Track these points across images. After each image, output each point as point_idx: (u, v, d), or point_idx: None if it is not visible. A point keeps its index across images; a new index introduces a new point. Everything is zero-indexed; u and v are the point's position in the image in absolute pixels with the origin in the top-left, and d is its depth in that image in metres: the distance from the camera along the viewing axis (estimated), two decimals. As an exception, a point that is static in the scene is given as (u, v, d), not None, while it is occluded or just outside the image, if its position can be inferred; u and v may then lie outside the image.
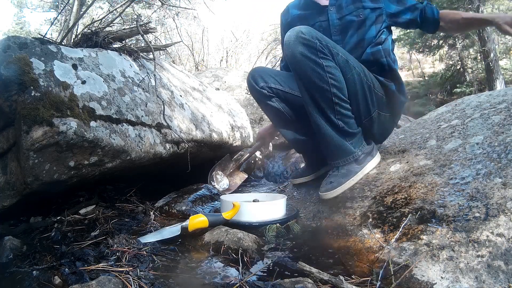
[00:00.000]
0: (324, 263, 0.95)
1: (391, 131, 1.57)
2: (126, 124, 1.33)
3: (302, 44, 1.21)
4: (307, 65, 1.22)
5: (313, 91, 1.25)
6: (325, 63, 1.22)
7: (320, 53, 1.22)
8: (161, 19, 6.64)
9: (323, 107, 1.26)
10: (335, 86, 1.24)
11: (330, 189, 1.28)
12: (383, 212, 1.09)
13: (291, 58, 1.25)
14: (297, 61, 1.24)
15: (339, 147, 1.29)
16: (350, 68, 1.29)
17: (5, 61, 1.06)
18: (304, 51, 1.21)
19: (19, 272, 0.85)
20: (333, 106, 1.25)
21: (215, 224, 1.13)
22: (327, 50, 1.24)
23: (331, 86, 1.23)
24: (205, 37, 6.66)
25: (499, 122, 1.24)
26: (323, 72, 1.22)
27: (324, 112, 1.27)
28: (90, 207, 1.36)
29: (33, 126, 1.03)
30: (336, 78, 1.24)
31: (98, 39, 1.50)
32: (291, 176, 1.73)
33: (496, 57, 8.27)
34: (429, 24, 1.47)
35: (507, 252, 0.79)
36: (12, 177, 1.11)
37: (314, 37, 1.22)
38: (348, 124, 1.29)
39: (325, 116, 1.27)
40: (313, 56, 1.21)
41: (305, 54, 1.21)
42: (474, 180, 1.02)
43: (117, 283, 0.74)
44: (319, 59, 1.22)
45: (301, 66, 1.24)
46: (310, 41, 1.22)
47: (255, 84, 1.48)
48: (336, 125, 1.27)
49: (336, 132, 1.28)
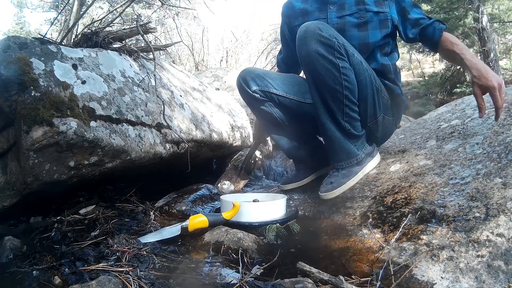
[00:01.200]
0: (324, 263, 0.95)
1: (391, 134, 1.56)
2: (126, 124, 1.33)
3: (319, 42, 1.17)
4: (321, 64, 1.18)
5: (325, 91, 1.23)
6: (341, 63, 1.19)
7: (337, 53, 1.18)
8: (161, 19, 6.64)
9: (332, 108, 1.24)
10: (348, 88, 1.21)
11: (330, 189, 1.28)
12: (383, 212, 1.09)
13: (305, 56, 1.20)
14: (311, 59, 1.20)
15: (344, 149, 1.29)
16: (363, 70, 1.26)
17: (5, 61, 1.06)
18: (320, 49, 1.17)
19: (19, 272, 0.85)
20: (343, 108, 1.23)
21: (215, 224, 1.13)
22: (343, 50, 1.20)
23: (344, 88, 1.20)
24: (205, 37, 6.65)
25: (499, 122, 1.24)
26: (338, 73, 1.19)
27: (332, 113, 1.25)
28: (90, 207, 1.36)
29: (33, 126, 1.03)
30: (350, 80, 1.21)
31: (98, 39, 1.50)
32: (281, 182, 1.70)
33: (496, 57, 8.26)
34: (427, 44, 1.40)
35: (507, 252, 0.79)
36: (12, 177, 1.11)
37: (332, 36, 1.18)
38: (354, 127, 1.28)
39: (332, 118, 1.26)
40: (330, 56, 1.17)
41: (321, 53, 1.17)
42: (474, 180, 1.02)
43: (117, 283, 0.74)
44: (335, 59, 1.18)
45: (315, 64, 1.20)
46: (328, 40, 1.17)
47: (246, 88, 1.39)
48: (343, 127, 1.26)
49: (342, 134, 1.27)
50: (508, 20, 8.89)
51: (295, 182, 1.59)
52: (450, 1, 7.78)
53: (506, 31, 9.92)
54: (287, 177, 1.74)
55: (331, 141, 1.29)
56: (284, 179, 1.75)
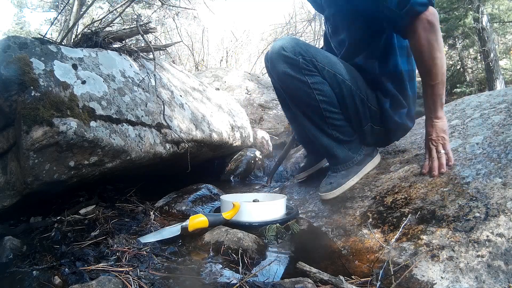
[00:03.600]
0: (324, 263, 0.95)
1: (388, 143, 1.46)
2: (126, 124, 1.32)
3: (284, 62, 1.16)
4: (291, 83, 1.18)
5: (303, 106, 1.23)
6: (310, 80, 1.16)
7: (304, 70, 1.16)
8: (161, 19, 6.64)
9: (315, 120, 1.24)
10: (324, 101, 1.19)
11: (329, 189, 1.28)
12: (383, 212, 1.09)
13: (277, 77, 1.22)
14: (282, 80, 1.20)
15: (338, 154, 1.29)
16: (338, 83, 1.20)
17: (5, 61, 1.06)
18: (286, 69, 1.16)
19: (19, 272, 0.85)
20: (325, 119, 1.23)
21: (215, 224, 1.13)
22: (311, 66, 1.16)
23: (319, 102, 1.19)
24: (205, 37, 6.66)
25: (499, 122, 1.24)
26: (310, 90, 1.17)
27: (317, 124, 1.25)
28: (90, 207, 1.36)
29: (33, 126, 1.03)
30: (324, 93, 1.19)
31: (98, 39, 1.50)
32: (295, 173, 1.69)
33: (496, 57, 8.26)
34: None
35: (507, 252, 0.79)
36: (12, 177, 1.11)
37: (297, 53, 1.15)
38: (343, 133, 1.27)
39: (319, 128, 1.26)
40: (297, 75, 1.16)
41: (288, 72, 1.16)
42: (474, 180, 1.02)
43: (117, 283, 0.74)
44: (303, 76, 1.16)
45: (287, 84, 1.20)
46: (292, 59, 1.15)
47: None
48: (331, 135, 1.26)
49: (333, 141, 1.27)
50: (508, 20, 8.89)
51: (309, 169, 1.57)
52: (450, 1, 7.78)
53: (506, 31, 9.92)
54: (299, 168, 1.73)
55: (324, 148, 1.29)
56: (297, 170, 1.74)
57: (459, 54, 10.27)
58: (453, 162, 1.11)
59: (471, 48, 9.84)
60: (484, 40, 8.00)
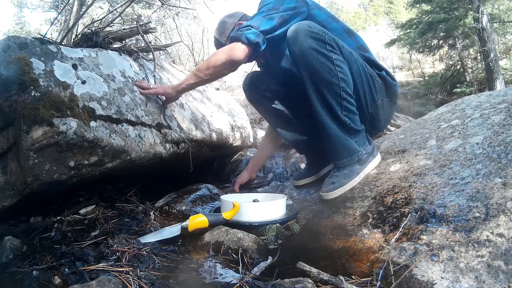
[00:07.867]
0: (324, 263, 0.95)
1: (392, 115, 1.61)
2: (126, 124, 1.33)
3: (311, 37, 1.20)
4: (316, 59, 1.21)
5: (322, 86, 1.24)
6: (334, 56, 1.22)
7: (328, 46, 1.22)
8: (161, 19, 6.64)
9: (331, 103, 1.25)
10: (344, 80, 1.24)
11: (332, 189, 1.28)
12: (383, 212, 1.09)
13: (299, 52, 1.23)
14: (305, 55, 1.22)
15: (345, 146, 1.28)
16: (354, 60, 1.30)
17: (5, 61, 1.06)
18: (313, 44, 1.20)
19: (19, 272, 0.85)
20: (341, 101, 1.25)
21: (215, 224, 1.13)
22: (334, 44, 1.24)
23: (340, 80, 1.23)
24: (205, 37, 6.65)
25: (499, 122, 1.24)
26: (333, 66, 1.22)
27: (331, 108, 1.25)
28: (90, 207, 1.36)
29: (33, 126, 1.03)
30: (344, 72, 1.24)
31: (98, 39, 1.50)
32: (294, 177, 1.71)
33: (496, 57, 8.26)
34: None
35: (507, 252, 0.79)
36: (12, 177, 1.11)
37: (321, 30, 1.23)
38: (354, 121, 1.29)
39: (331, 113, 1.26)
40: (323, 50, 1.21)
41: (314, 47, 1.20)
42: (474, 180, 1.02)
43: (117, 283, 0.74)
44: (328, 52, 1.21)
45: (310, 60, 1.22)
46: (319, 34, 1.21)
47: (255, 88, 1.50)
48: (342, 122, 1.26)
49: (342, 131, 1.27)
50: (508, 20, 8.89)
51: (309, 177, 1.58)
52: (450, 1, 7.79)
53: (506, 31, 9.93)
54: (300, 173, 1.74)
55: (332, 139, 1.29)
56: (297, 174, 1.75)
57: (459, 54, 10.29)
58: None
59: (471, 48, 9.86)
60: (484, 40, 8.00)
